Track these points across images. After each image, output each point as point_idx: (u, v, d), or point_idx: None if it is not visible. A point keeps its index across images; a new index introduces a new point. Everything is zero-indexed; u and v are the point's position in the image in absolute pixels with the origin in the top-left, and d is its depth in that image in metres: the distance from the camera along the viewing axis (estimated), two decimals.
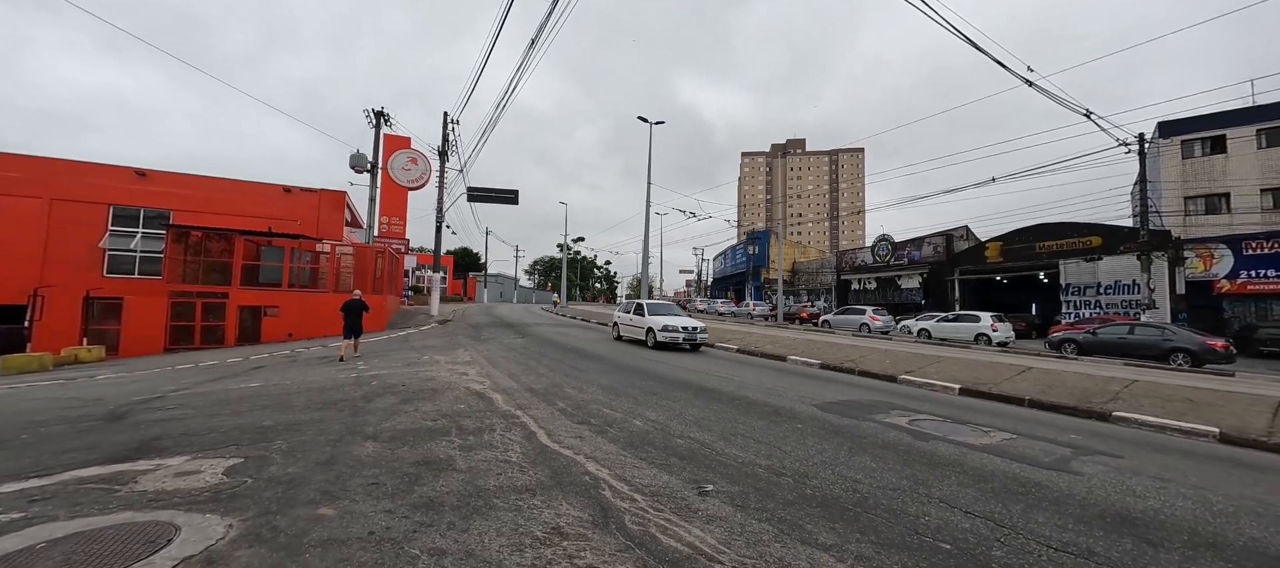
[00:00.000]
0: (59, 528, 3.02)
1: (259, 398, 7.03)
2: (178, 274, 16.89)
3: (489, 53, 14.33)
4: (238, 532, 2.98)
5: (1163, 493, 4.18)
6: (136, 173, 20.07)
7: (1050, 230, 27.06)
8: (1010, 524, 3.42)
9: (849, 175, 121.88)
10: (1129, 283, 23.36)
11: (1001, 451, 5.27)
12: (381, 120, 23.11)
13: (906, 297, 34.39)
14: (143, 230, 19.87)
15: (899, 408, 7.27)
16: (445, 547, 2.85)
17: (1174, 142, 25.87)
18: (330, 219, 22.33)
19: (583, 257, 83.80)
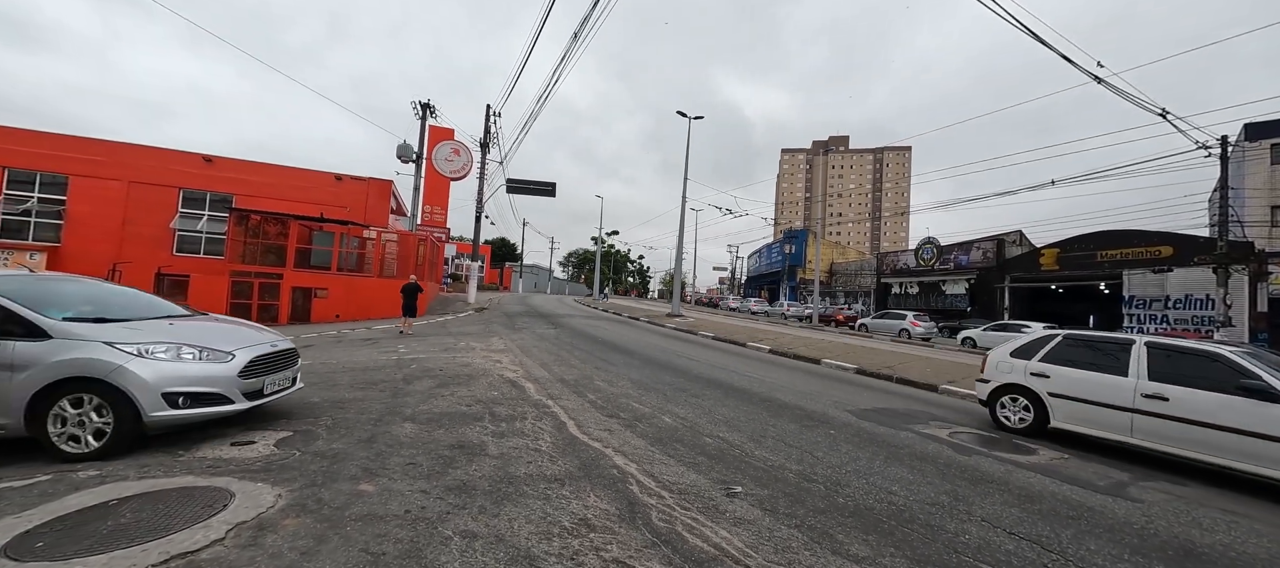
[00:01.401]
0: (129, 487, 3.28)
1: (307, 375, 7.40)
2: (238, 255, 17.98)
3: (532, 46, 14.54)
4: (286, 502, 3.16)
5: (1233, 528, 3.86)
6: (204, 159, 21.45)
7: (1115, 238, 25.32)
8: (1059, 550, 3.23)
9: (893, 175, 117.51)
10: (1202, 298, 21.62)
11: (1051, 471, 4.98)
12: (427, 112, 23.84)
13: (951, 303, 32.97)
14: (208, 213, 21.24)
15: (939, 419, 6.98)
16: (476, 530, 2.93)
17: (1263, 145, 23.68)
18: (377, 207, 23.25)
19: (616, 251, 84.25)
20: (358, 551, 2.63)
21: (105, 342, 3.89)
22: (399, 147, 23.14)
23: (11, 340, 3.73)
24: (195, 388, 4.03)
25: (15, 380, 3.66)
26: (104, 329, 4.07)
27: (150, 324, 4.53)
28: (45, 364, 3.70)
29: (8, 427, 3.69)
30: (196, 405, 4.03)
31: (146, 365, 3.88)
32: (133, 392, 3.78)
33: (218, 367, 4.20)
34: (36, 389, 3.66)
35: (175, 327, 4.59)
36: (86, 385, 3.75)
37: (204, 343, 4.31)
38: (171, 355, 4.05)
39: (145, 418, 3.82)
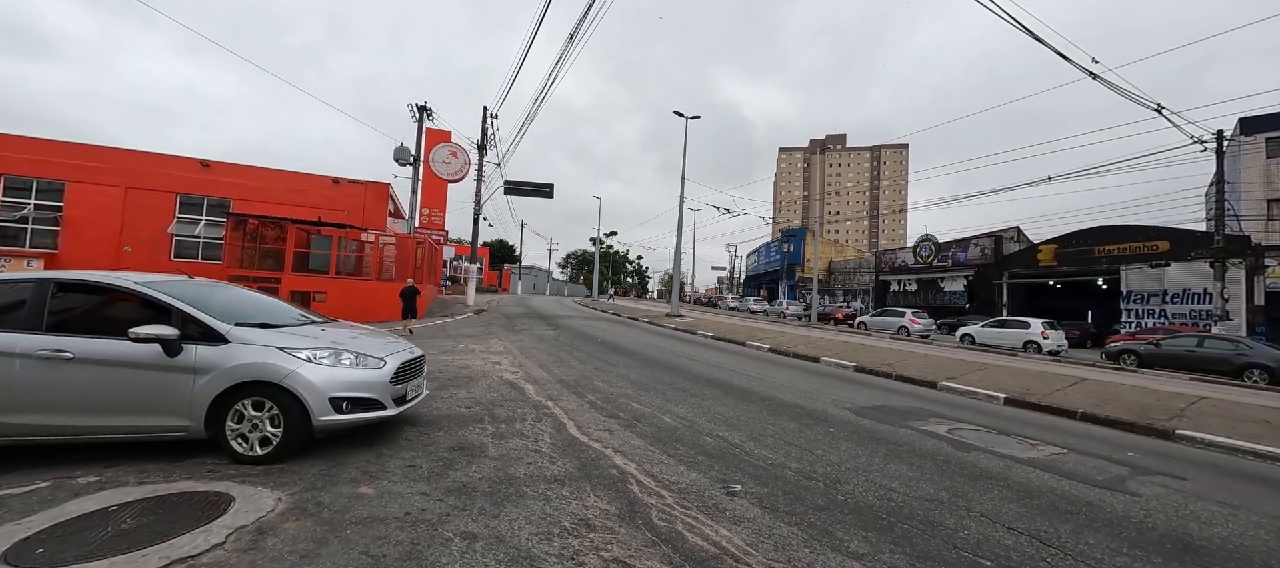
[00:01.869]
0: (129, 492, 3.28)
1: None
2: (236, 259, 17.96)
3: (528, 47, 14.54)
4: (286, 505, 3.16)
5: (1232, 520, 3.87)
6: (201, 163, 21.42)
7: (1112, 233, 25.38)
8: (1058, 544, 3.24)
9: (891, 173, 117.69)
10: (1199, 292, 21.69)
11: (1050, 466, 5.00)
12: (424, 115, 23.82)
13: (949, 300, 33.02)
14: (205, 218, 21.21)
15: (938, 416, 6.99)
16: (477, 531, 2.93)
17: (1258, 139, 23.74)
18: (375, 210, 23.23)
19: (615, 251, 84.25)
20: (358, 553, 2.64)
21: (278, 347, 3.95)
22: (396, 149, 23.12)
23: (194, 344, 3.79)
24: (356, 393, 4.06)
25: (198, 384, 3.74)
26: (271, 334, 4.13)
27: (302, 329, 4.57)
28: (225, 368, 3.77)
29: (189, 429, 3.76)
30: (357, 411, 4.07)
31: (315, 370, 3.93)
32: (304, 396, 3.82)
33: (374, 373, 4.21)
34: (218, 392, 3.74)
35: (326, 332, 4.63)
36: (260, 389, 3.81)
37: (358, 349, 4.33)
38: (333, 361, 4.08)
39: (314, 422, 3.86)
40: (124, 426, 3.75)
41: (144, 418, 3.75)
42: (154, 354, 3.71)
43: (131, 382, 3.71)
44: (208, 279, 5.40)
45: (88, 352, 3.72)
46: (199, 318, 3.92)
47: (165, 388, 3.73)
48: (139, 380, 3.71)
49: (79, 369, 3.69)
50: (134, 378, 3.71)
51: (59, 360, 3.68)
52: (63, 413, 3.70)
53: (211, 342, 3.85)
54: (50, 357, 3.68)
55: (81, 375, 3.69)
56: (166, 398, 3.73)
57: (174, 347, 3.72)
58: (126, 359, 3.71)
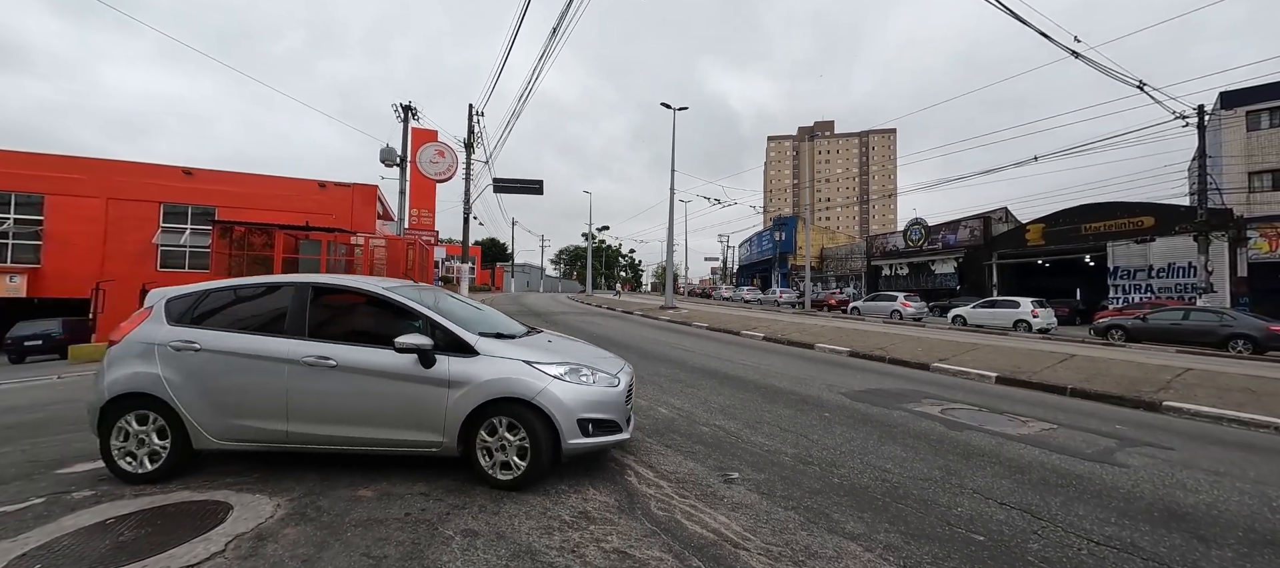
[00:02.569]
0: (125, 505, 3.26)
1: None
2: (224, 268, 17.75)
3: (511, 44, 14.40)
4: (285, 511, 3.16)
5: (1217, 487, 3.97)
6: (184, 172, 21.10)
7: (1098, 211, 25.70)
8: (1048, 517, 3.32)
9: (880, 158, 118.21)
10: (1184, 265, 22.05)
11: (1040, 441, 5.09)
12: (409, 114, 23.56)
13: (940, 282, 33.34)
14: (191, 226, 20.93)
15: (931, 397, 7.09)
16: (477, 529, 2.95)
17: (1238, 113, 24.07)
18: (363, 212, 23.04)
19: (608, 246, 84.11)
20: (359, 555, 2.64)
21: (525, 360, 3.66)
22: (382, 150, 22.87)
23: (445, 356, 3.58)
24: (600, 414, 3.68)
25: (452, 398, 3.52)
26: (512, 346, 3.88)
27: (532, 340, 4.28)
28: (478, 382, 3.52)
29: (443, 445, 3.56)
30: (600, 433, 3.69)
31: (563, 388, 3.59)
32: (556, 416, 3.48)
33: (612, 391, 3.82)
34: (473, 408, 3.50)
35: (554, 344, 4.34)
36: (508, 407, 3.52)
37: (592, 364, 3.98)
38: (574, 377, 3.72)
39: (564, 445, 3.51)
40: (382, 438, 3.60)
41: (401, 431, 3.57)
42: (410, 365, 3.53)
43: (390, 393, 3.54)
44: (423, 284, 5.04)
45: (349, 360, 3.59)
46: (448, 328, 3.69)
47: (421, 401, 3.52)
48: (397, 392, 3.53)
49: (342, 378, 3.57)
50: (392, 389, 3.54)
51: (323, 368, 3.57)
52: (328, 422, 3.59)
53: (462, 353, 3.61)
54: (315, 364, 3.58)
55: (344, 384, 3.57)
56: (422, 411, 3.53)
57: (429, 357, 3.52)
58: (385, 369, 3.54)
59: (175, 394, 3.61)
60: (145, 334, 3.81)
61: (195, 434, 3.63)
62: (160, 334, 3.77)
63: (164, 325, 3.82)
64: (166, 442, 3.64)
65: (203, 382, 3.64)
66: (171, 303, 3.94)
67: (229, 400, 3.64)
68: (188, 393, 3.62)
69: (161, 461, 3.63)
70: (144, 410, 3.64)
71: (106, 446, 3.65)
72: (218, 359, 3.67)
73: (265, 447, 3.68)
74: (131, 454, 3.62)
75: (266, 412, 3.60)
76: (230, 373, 3.65)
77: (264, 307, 3.91)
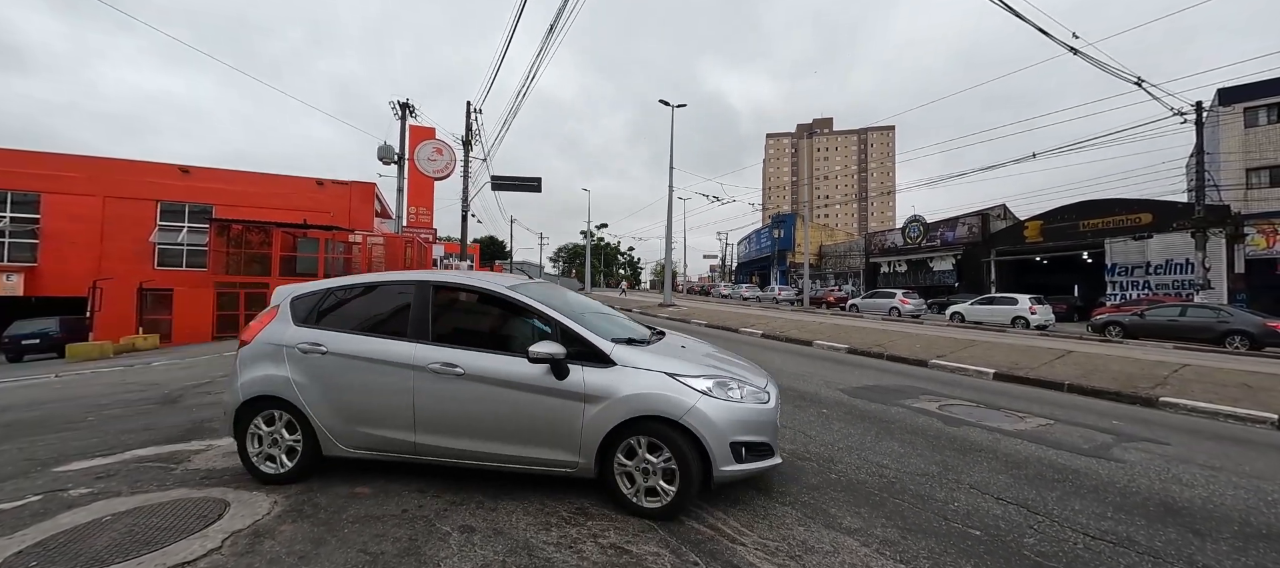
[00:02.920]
0: (122, 502, 3.25)
1: None
2: (221, 266, 17.72)
3: (508, 41, 14.36)
4: (282, 508, 3.16)
5: (1212, 482, 3.99)
6: (180, 170, 21.04)
7: (1095, 208, 25.71)
8: (1044, 512, 3.33)
9: (878, 155, 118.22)
10: (1182, 262, 22.08)
11: (1037, 437, 5.10)
12: (407, 112, 23.49)
13: (939, 279, 33.37)
14: (188, 225, 20.88)
15: (929, 393, 7.10)
16: (475, 525, 2.95)
17: (1236, 109, 24.08)
18: (361, 210, 23.00)
19: (606, 243, 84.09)
20: (356, 551, 2.65)
21: (668, 372, 3.21)
22: (380, 148, 22.81)
23: (580, 366, 3.20)
24: (753, 437, 3.18)
25: (589, 414, 3.12)
26: (648, 354, 3.39)
27: (665, 346, 3.80)
28: (618, 397, 3.10)
29: (578, 466, 3.19)
30: (754, 459, 3.18)
31: (712, 404, 3.10)
32: (706, 438, 3.01)
33: (763, 408, 3.29)
34: (612, 427, 3.08)
35: (689, 349, 3.85)
36: (647, 425, 3.08)
37: (739, 376, 3.48)
38: (722, 392, 3.22)
39: (715, 472, 3.03)
40: (513, 455, 3.27)
41: (533, 448, 3.24)
42: (541, 375, 3.18)
43: (521, 405, 3.21)
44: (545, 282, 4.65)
45: (477, 367, 3.27)
46: (582, 334, 3.29)
47: (554, 416, 3.17)
48: (528, 405, 3.20)
49: (470, 387, 3.27)
50: (523, 401, 3.20)
51: (450, 376, 3.29)
52: (457, 435, 3.33)
53: (597, 363, 3.21)
54: (442, 371, 3.30)
55: (472, 394, 3.27)
56: (556, 428, 3.18)
57: (562, 368, 3.15)
58: (514, 379, 3.21)
59: (304, 399, 3.47)
60: (274, 335, 3.67)
61: (325, 441, 3.49)
62: (288, 335, 3.62)
63: (290, 326, 3.67)
64: (298, 437, 3.52)
65: (330, 386, 3.47)
66: (296, 302, 3.79)
67: (356, 407, 3.46)
68: (316, 397, 3.47)
69: (298, 458, 3.52)
70: (273, 412, 3.55)
71: (243, 448, 3.58)
72: (344, 363, 3.48)
73: (393, 458, 3.48)
74: (270, 458, 3.55)
75: (393, 421, 3.39)
76: (356, 377, 3.46)
77: (385, 306, 3.70)
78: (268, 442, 3.55)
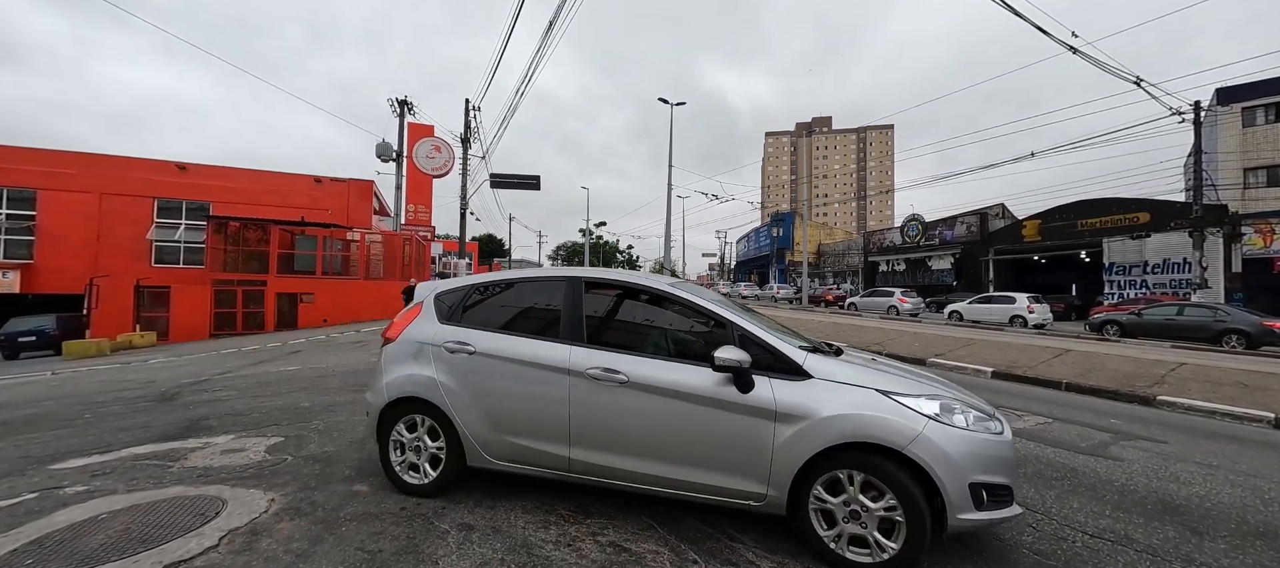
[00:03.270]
0: (119, 500, 3.24)
1: (297, 380, 7.34)
2: (219, 263, 17.67)
3: (507, 39, 14.32)
4: (279, 506, 3.14)
5: (1209, 480, 4.00)
6: (177, 167, 20.97)
7: (1093, 207, 25.78)
8: (1043, 510, 3.33)
9: (877, 154, 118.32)
10: (1179, 261, 22.15)
11: (1035, 435, 5.11)
12: (405, 109, 23.44)
13: (937, 278, 33.44)
14: (185, 222, 20.82)
15: None
16: (473, 523, 2.94)
17: (1234, 109, 24.14)
18: (359, 208, 22.95)
19: (605, 241, 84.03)
20: (354, 549, 2.64)
21: (879, 389, 2.62)
22: (378, 145, 22.77)
23: (768, 379, 2.68)
24: (994, 477, 2.52)
25: (780, 437, 2.59)
26: (851, 367, 2.83)
27: (851, 356, 3.27)
28: (818, 418, 2.54)
29: (768, 499, 2.65)
30: (994, 506, 2.51)
31: (944, 434, 2.48)
32: (940, 476, 2.40)
33: (1001, 440, 2.65)
34: (811, 454, 2.52)
35: (881, 364, 3.27)
36: (857, 455, 2.51)
37: (958, 395, 2.86)
38: (948, 418, 2.58)
39: (951, 520, 2.42)
40: (683, 480, 2.80)
41: (710, 474, 2.74)
42: (719, 387, 2.70)
43: (696, 421, 2.74)
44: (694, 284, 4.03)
45: (643, 376, 2.86)
46: (766, 340, 2.80)
47: (737, 436, 2.67)
48: (705, 421, 2.73)
49: (634, 398, 2.86)
50: (699, 416, 2.74)
51: (612, 384, 2.90)
52: (619, 452, 2.91)
53: (787, 375, 2.69)
54: (602, 378, 2.92)
55: (637, 405, 2.85)
56: (739, 451, 2.67)
57: (748, 379, 2.66)
58: (689, 390, 2.76)
59: (450, 402, 3.19)
60: (419, 333, 3.43)
61: (470, 449, 3.19)
62: (433, 333, 3.37)
63: (435, 322, 3.44)
64: (441, 444, 3.25)
65: (478, 389, 3.17)
66: (441, 298, 3.57)
67: (505, 413, 3.13)
68: (462, 401, 3.18)
69: (441, 468, 3.25)
70: (415, 416, 3.32)
71: (386, 454, 3.37)
72: (493, 365, 3.18)
73: (545, 474, 3.13)
74: (413, 467, 3.31)
75: (546, 432, 3.04)
76: (506, 382, 3.14)
77: (532, 304, 3.44)
78: (410, 449, 3.32)
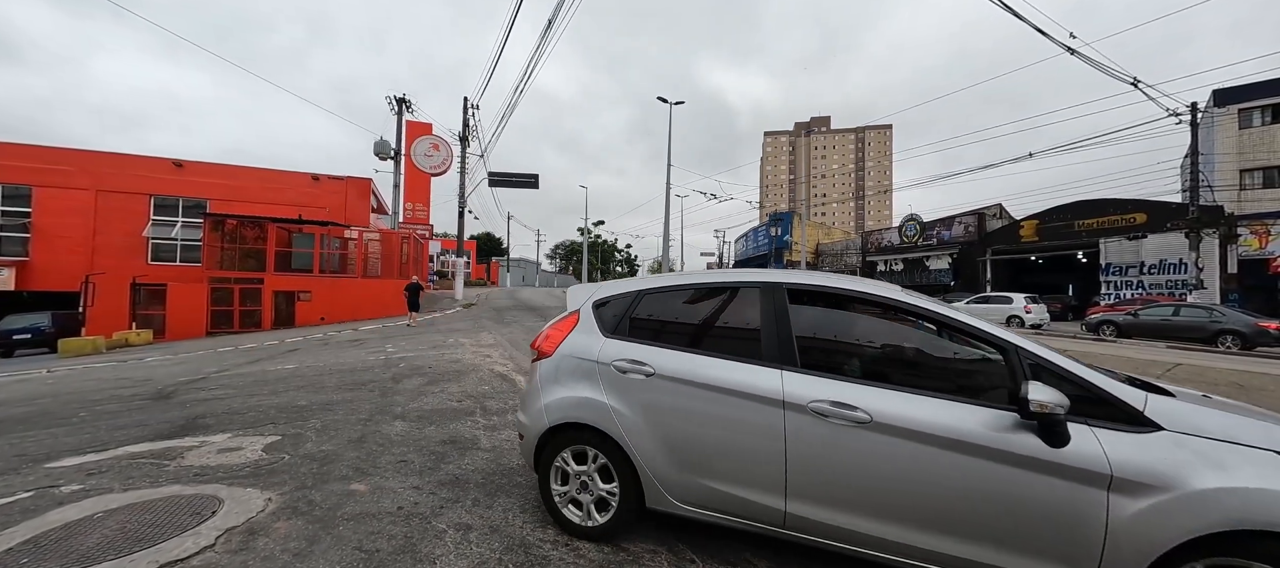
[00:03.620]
0: (114, 499, 3.22)
1: (294, 379, 7.32)
2: (216, 261, 17.60)
3: (506, 36, 14.30)
4: (276, 505, 3.13)
5: None
6: (174, 164, 20.88)
7: (1090, 208, 25.86)
8: None
9: (875, 154, 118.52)
10: (1175, 262, 22.24)
11: None
12: (403, 107, 23.38)
13: (935, 278, 33.50)
14: (182, 219, 20.74)
15: None
16: (471, 523, 2.94)
17: (1231, 110, 24.25)
18: (357, 206, 22.89)
19: (603, 240, 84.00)
20: (351, 549, 2.63)
21: None
22: (376, 143, 22.71)
23: (1090, 427, 1.96)
24: None
25: (1120, 513, 1.85)
26: (1222, 415, 2.03)
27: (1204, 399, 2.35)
28: (1186, 491, 1.78)
29: None
30: None
31: None
32: None
33: None
34: (1176, 544, 1.76)
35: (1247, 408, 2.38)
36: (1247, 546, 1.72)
37: None
38: None
39: None
40: (961, 558, 2.07)
41: (1002, 554, 2.01)
42: (1009, 436, 2.01)
43: (975, 481, 2.04)
44: None
45: (895, 415, 2.17)
46: (1083, 378, 2.06)
47: (1042, 506, 1.95)
48: (991, 481, 2.02)
49: (882, 443, 2.17)
50: (979, 475, 2.03)
51: (846, 423, 2.23)
52: (858, 512, 2.23)
53: (1122, 425, 1.95)
54: (831, 413, 2.26)
55: (887, 453, 2.17)
56: (1045, 526, 1.95)
57: (1062, 429, 1.93)
58: (964, 438, 2.06)
59: (627, 432, 2.67)
60: (580, 347, 2.93)
61: (650, 490, 2.66)
62: (599, 349, 2.87)
63: (598, 336, 2.94)
64: (614, 486, 2.75)
65: (660, 420, 2.62)
66: (602, 307, 3.06)
67: (696, 452, 2.55)
68: (641, 432, 2.65)
69: (612, 512, 2.74)
70: (583, 447, 2.82)
71: (546, 485, 2.91)
72: (679, 390, 2.60)
73: (752, 528, 2.48)
74: (576, 502, 2.84)
75: (753, 478, 2.42)
76: (696, 412, 2.55)
77: (722, 316, 2.84)
78: (575, 480, 2.84)
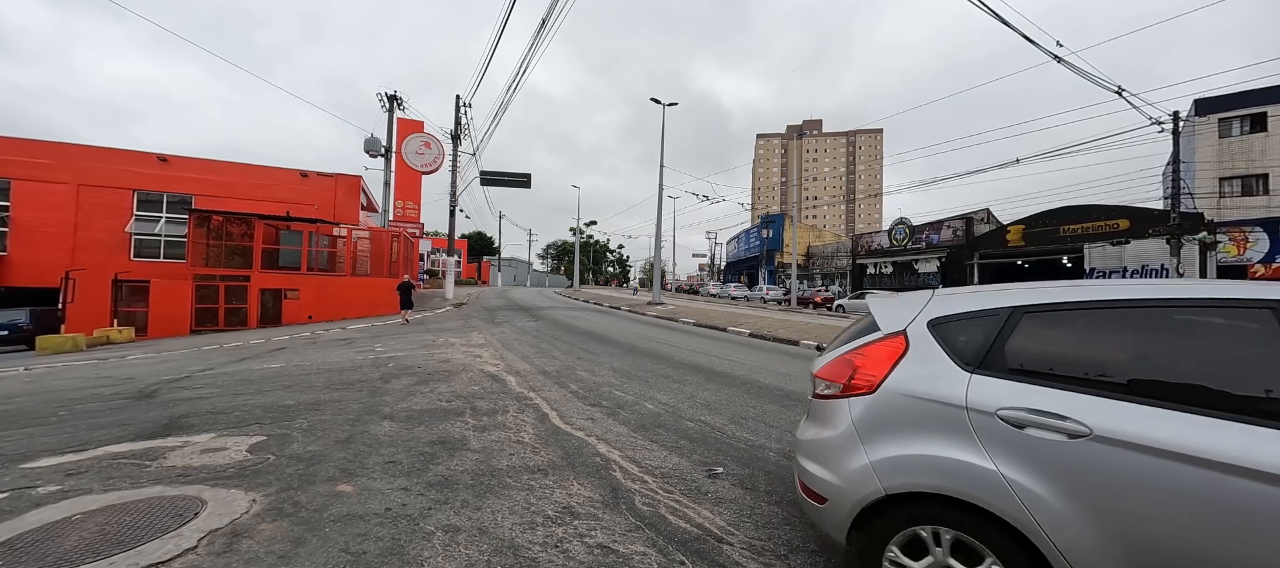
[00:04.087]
0: (94, 501, 3.16)
1: (281, 378, 7.22)
2: (201, 258, 17.31)
3: (499, 34, 14.23)
4: (261, 506, 3.09)
5: None
6: (158, 158, 20.51)
7: (1075, 213, 26.31)
8: None
9: (866, 158, 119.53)
10: (1157, 267, 22.69)
11: None
12: (395, 104, 23.18)
13: (923, 281, 33.88)
14: (166, 215, 20.38)
15: None
16: (459, 524, 2.92)
17: (1211, 119, 24.81)
18: (346, 203, 22.63)
19: (595, 241, 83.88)
20: (337, 551, 2.60)
21: None
22: (366, 140, 22.49)
23: None
24: None
25: None
26: None
27: None
28: None
29: None
30: None
31: None
32: None
33: None
34: None
35: None
36: None
37: None
38: None
39: None
40: None
41: None
42: None
43: None
44: None
45: None
46: None
47: None
48: None
49: None
50: None
51: (1253, 488, 1.45)
52: None
53: None
54: (1234, 473, 1.48)
55: None
56: None
57: None
58: None
59: (1045, 524, 1.70)
60: (926, 385, 2.03)
61: None
62: (966, 390, 1.94)
63: (955, 369, 2.01)
64: None
65: (1107, 508, 1.64)
66: (946, 327, 2.12)
67: None
68: (1070, 525, 1.67)
69: None
70: (938, 529, 1.91)
71: None
72: (1146, 467, 1.60)
73: None
74: None
75: None
76: (1187, 502, 1.54)
77: (1185, 346, 1.84)
78: None
